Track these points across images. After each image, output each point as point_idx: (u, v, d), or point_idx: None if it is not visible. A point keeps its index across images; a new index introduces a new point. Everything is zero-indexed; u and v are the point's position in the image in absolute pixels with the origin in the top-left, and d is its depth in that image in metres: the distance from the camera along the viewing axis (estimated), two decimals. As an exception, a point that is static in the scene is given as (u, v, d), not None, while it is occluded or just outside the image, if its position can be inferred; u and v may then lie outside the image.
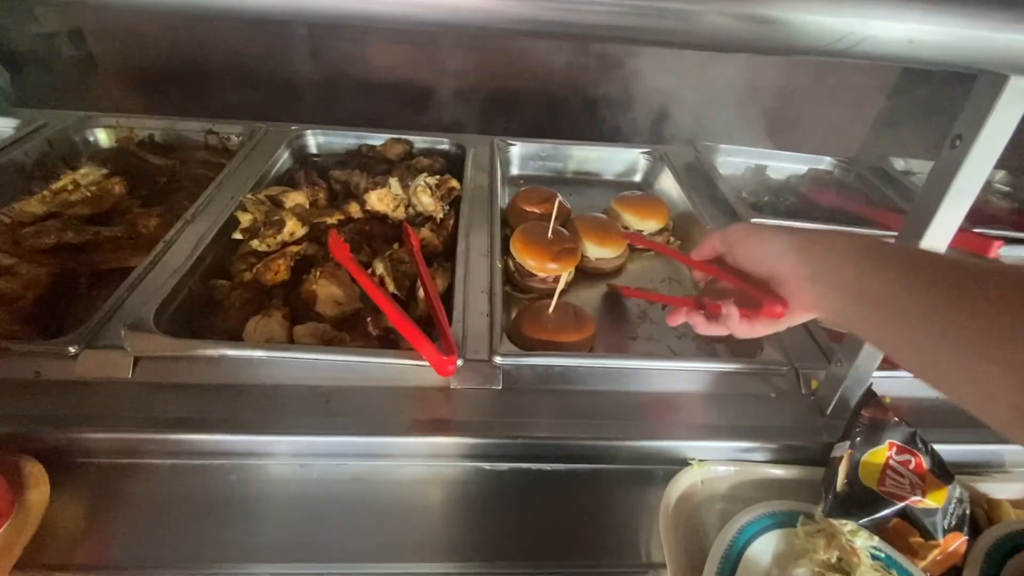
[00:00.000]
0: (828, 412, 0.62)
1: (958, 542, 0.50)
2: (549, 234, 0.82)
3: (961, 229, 0.49)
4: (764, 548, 0.51)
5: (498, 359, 0.63)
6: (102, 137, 1.03)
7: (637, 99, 1.41)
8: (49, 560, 0.47)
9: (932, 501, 0.50)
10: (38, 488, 0.50)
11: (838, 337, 0.69)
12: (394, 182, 0.88)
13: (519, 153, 1.13)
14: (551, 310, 0.70)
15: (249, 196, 0.82)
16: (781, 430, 0.61)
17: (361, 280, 0.69)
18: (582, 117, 1.39)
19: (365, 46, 1.48)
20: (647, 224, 0.94)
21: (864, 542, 0.50)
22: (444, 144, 1.10)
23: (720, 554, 0.49)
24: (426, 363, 0.60)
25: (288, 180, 0.95)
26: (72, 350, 0.58)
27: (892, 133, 1.43)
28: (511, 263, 0.84)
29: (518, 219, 0.93)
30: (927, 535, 0.50)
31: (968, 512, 0.52)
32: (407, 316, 0.61)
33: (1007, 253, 0.87)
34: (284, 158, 1.02)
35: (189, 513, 0.52)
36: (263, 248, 0.78)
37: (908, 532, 0.51)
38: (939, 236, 0.49)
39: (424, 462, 0.58)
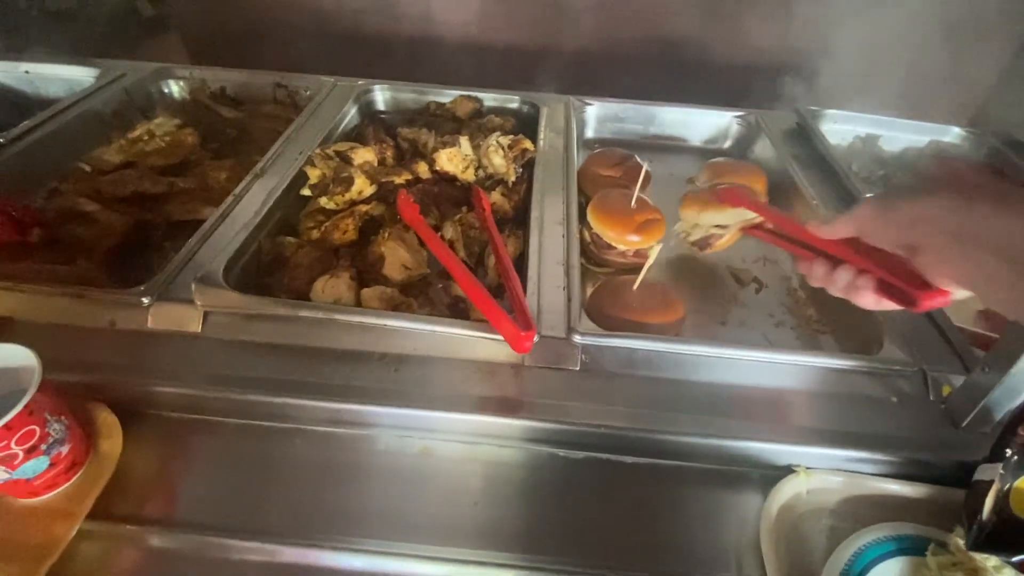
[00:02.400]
0: (963, 425, 0.53)
1: None
2: (632, 203, 0.74)
3: None
4: (885, 577, 0.44)
5: (577, 338, 0.58)
6: (175, 89, 1.03)
7: (728, 57, 1.28)
8: (120, 511, 0.47)
9: (1108, 545, 0.42)
10: (111, 438, 0.50)
11: (977, 340, 0.59)
12: (464, 141, 0.83)
13: (596, 114, 1.04)
14: (636, 287, 0.63)
15: (318, 151, 0.79)
16: (903, 441, 0.53)
17: (432, 245, 0.65)
18: (665, 75, 1.27)
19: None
20: (741, 196, 0.84)
21: (1012, 583, 0.42)
22: (515, 102, 1.02)
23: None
24: (499, 337, 0.55)
25: (356, 136, 0.91)
26: (145, 301, 0.58)
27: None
28: (587, 234, 0.77)
29: (592, 184, 0.86)
30: (1097, 584, 0.41)
31: None
32: (482, 285, 0.56)
33: None
34: (351, 114, 0.98)
35: (253, 476, 0.51)
36: (331, 206, 0.75)
37: (1069, 577, 0.42)
38: None
39: (495, 442, 0.54)
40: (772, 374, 0.58)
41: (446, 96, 1.03)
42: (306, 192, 0.76)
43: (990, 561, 0.43)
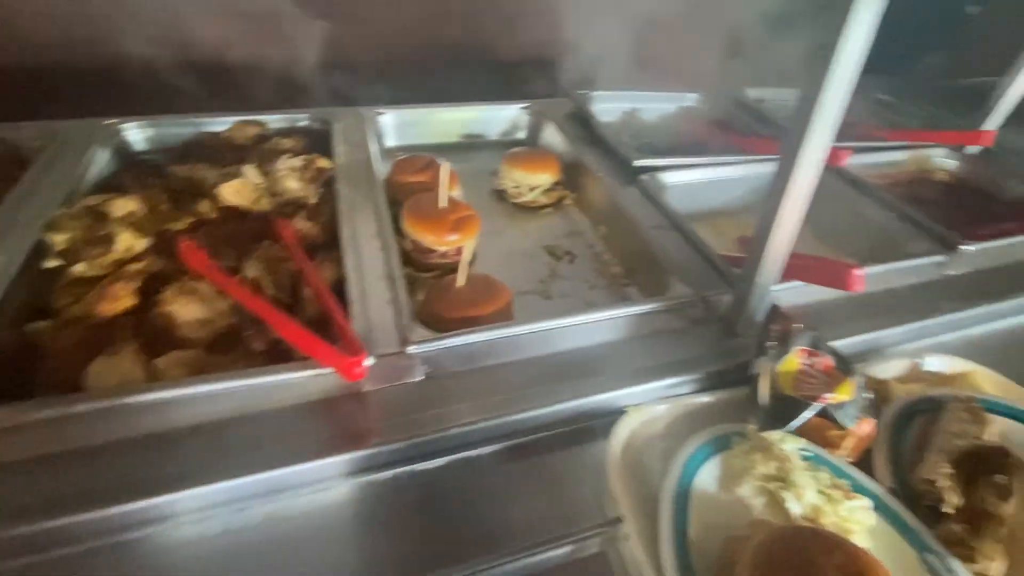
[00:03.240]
0: (739, 333, 0.65)
1: (867, 426, 0.55)
2: (442, 203, 0.76)
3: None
4: (709, 476, 0.52)
5: (412, 348, 0.57)
6: None
7: (509, 53, 1.36)
8: None
9: (842, 394, 0.54)
10: None
11: (736, 261, 0.72)
12: (250, 170, 0.76)
13: (392, 122, 1.04)
14: (461, 284, 0.65)
15: (61, 211, 0.66)
16: (700, 359, 0.63)
17: (229, 290, 0.58)
18: (457, 76, 1.31)
19: (184, 21, 1.25)
20: (539, 179, 0.91)
21: (792, 446, 0.53)
22: (304, 120, 0.97)
23: (671, 494, 0.49)
24: (330, 370, 0.52)
25: (114, 186, 0.78)
26: None
27: (743, 65, 1.53)
28: (406, 242, 0.77)
29: (401, 192, 0.85)
30: (841, 426, 0.54)
31: (872, 397, 0.57)
32: (295, 321, 0.52)
33: (855, 161, 0.97)
34: (102, 161, 0.83)
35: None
36: (92, 273, 0.63)
37: (826, 427, 0.54)
38: (816, 151, 0.50)
39: (350, 479, 0.51)
40: (595, 332, 0.64)
41: (221, 124, 0.93)
42: (54, 263, 0.63)
43: (776, 436, 0.53)
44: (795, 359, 0.57)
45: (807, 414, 0.53)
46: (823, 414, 0.54)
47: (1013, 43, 1.00)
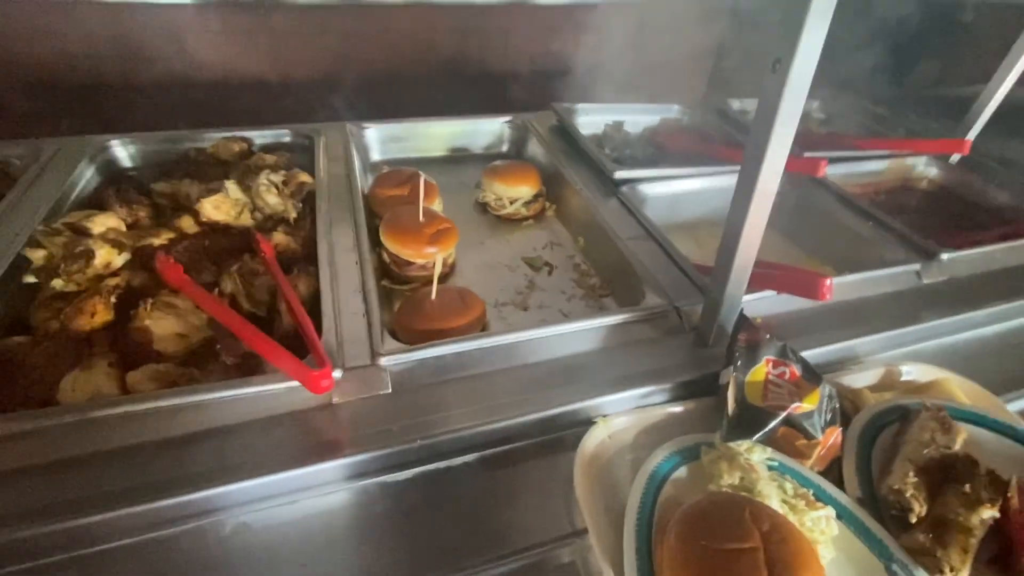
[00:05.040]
0: (710, 343, 0.65)
1: (835, 435, 0.55)
2: (420, 217, 0.77)
3: (792, 155, 0.52)
4: (677, 486, 0.52)
5: (383, 360, 0.58)
6: None
7: (499, 66, 1.38)
8: None
9: (808, 404, 0.54)
10: None
11: (708, 271, 0.73)
12: (231, 185, 0.77)
13: (376, 136, 1.05)
14: (433, 297, 0.65)
15: (40, 228, 0.67)
16: (673, 369, 0.63)
17: (204, 304, 0.59)
18: (448, 90, 1.33)
19: (185, 38, 1.28)
20: (519, 191, 0.92)
21: (759, 456, 0.53)
22: (287, 136, 0.98)
23: (637, 504, 0.49)
24: (298, 384, 0.52)
25: (97, 202, 0.79)
26: None
27: (729, 78, 1.55)
28: (385, 255, 0.78)
29: (382, 206, 0.86)
30: (809, 436, 0.54)
31: (838, 406, 0.57)
32: (264, 334, 0.53)
33: (831, 172, 0.97)
34: (88, 177, 0.85)
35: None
36: (71, 287, 0.64)
37: (794, 437, 0.54)
38: (776, 159, 0.51)
39: (317, 493, 0.51)
40: (569, 343, 0.65)
41: (206, 140, 0.95)
42: (31, 279, 0.64)
43: (743, 445, 0.53)
44: (763, 369, 0.57)
45: (772, 424, 0.53)
46: (791, 424, 0.54)
47: (1001, 52, 1.01)
